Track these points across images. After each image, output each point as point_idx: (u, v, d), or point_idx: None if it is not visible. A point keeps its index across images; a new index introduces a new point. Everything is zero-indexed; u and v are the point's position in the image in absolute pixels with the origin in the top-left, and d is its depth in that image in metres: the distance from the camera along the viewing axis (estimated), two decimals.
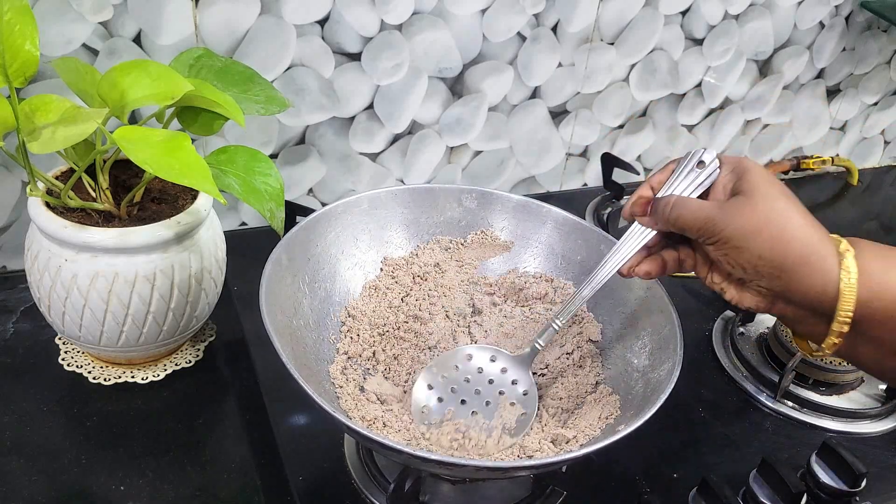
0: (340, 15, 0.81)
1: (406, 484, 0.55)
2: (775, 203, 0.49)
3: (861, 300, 0.47)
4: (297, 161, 0.89)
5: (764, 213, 0.49)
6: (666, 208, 0.54)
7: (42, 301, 0.65)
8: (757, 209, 0.49)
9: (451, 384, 0.61)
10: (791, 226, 0.49)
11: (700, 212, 0.51)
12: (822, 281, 0.48)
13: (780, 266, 0.49)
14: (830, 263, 0.48)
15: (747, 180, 0.51)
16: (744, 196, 0.50)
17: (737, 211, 0.50)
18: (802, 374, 0.77)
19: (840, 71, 1.17)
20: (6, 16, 0.54)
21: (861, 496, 0.65)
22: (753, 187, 0.50)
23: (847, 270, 0.47)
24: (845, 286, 0.47)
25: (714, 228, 0.50)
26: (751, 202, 0.50)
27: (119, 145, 0.54)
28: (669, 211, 0.53)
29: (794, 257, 0.48)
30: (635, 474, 0.67)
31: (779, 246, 0.48)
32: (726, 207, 0.51)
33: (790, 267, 0.48)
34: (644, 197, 0.57)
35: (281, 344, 0.52)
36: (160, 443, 0.65)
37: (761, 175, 0.51)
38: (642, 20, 0.97)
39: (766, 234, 0.49)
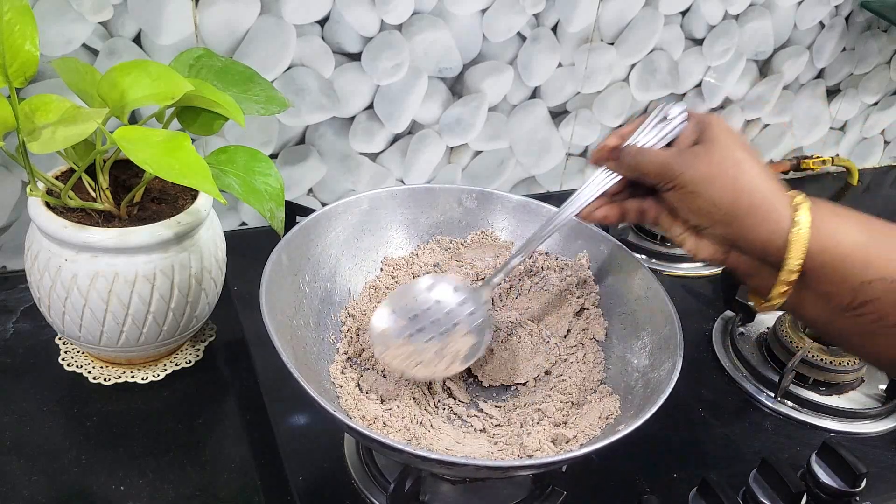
0: (340, 15, 0.81)
1: (406, 484, 0.55)
2: (732, 153, 0.52)
3: (811, 252, 0.48)
4: (297, 161, 0.89)
5: (719, 160, 0.51)
6: (629, 155, 0.56)
7: (42, 301, 0.65)
8: (713, 157, 0.52)
9: (411, 312, 0.62)
10: (745, 175, 0.51)
11: (658, 157, 0.54)
12: (772, 230, 0.49)
13: (731, 213, 0.50)
14: (782, 214, 0.49)
15: (708, 132, 0.53)
16: (702, 145, 0.53)
17: (694, 158, 0.52)
18: (802, 374, 0.77)
19: (840, 71, 1.17)
20: (6, 16, 0.54)
21: (861, 496, 0.65)
22: (713, 137, 0.53)
23: (798, 222, 0.49)
24: (795, 236, 0.48)
25: (671, 173, 0.53)
26: (708, 150, 0.52)
27: (119, 145, 0.54)
28: (631, 157, 0.56)
29: (746, 205, 0.50)
30: (635, 474, 0.67)
31: (731, 193, 0.50)
32: (684, 154, 0.53)
33: (741, 214, 0.50)
34: (609, 145, 0.59)
35: (281, 344, 0.52)
36: (160, 443, 0.65)
37: (722, 128, 0.54)
38: (642, 20, 0.97)
39: (719, 182, 0.51)
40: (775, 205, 0.50)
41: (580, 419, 0.60)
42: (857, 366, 0.77)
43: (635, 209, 0.59)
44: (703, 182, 0.51)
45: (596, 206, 0.60)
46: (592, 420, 0.59)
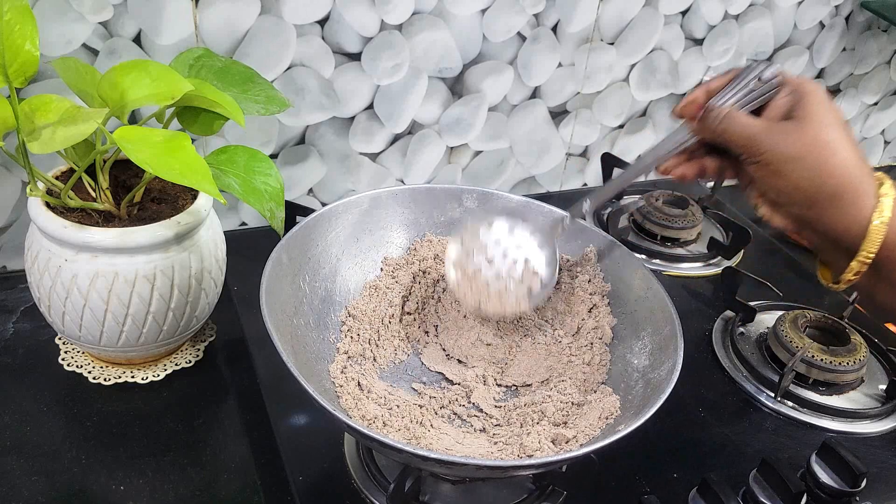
0: (340, 15, 0.81)
1: (406, 484, 0.55)
2: (824, 133, 0.49)
3: (887, 244, 0.47)
4: (297, 161, 0.89)
5: (809, 142, 0.49)
6: (716, 119, 0.53)
7: (42, 301, 0.65)
8: (803, 137, 0.49)
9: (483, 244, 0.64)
10: (833, 160, 0.48)
11: (747, 129, 0.51)
12: (851, 219, 0.48)
13: (813, 198, 0.49)
14: (864, 203, 0.48)
15: (803, 105, 0.50)
16: (794, 121, 0.50)
17: (783, 135, 0.50)
18: (802, 374, 0.77)
19: (840, 71, 1.17)
20: (6, 16, 0.54)
21: (861, 496, 0.65)
22: (807, 113, 0.50)
23: (880, 214, 0.47)
24: (873, 228, 0.47)
25: (757, 149, 0.50)
26: (798, 129, 0.49)
27: (119, 145, 0.54)
28: (718, 122, 0.53)
29: (829, 192, 0.48)
30: (635, 474, 0.67)
31: (816, 178, 0.48)
32: (773, 130, 0.50)
33: (823, 201, 0.48)
34: (697, 101, 0.55)
35: (281, 344, 0.52)
36: (160, 443, 0.65)
37: (820, 101, 0.50)
38: (642, 20, 0.97)
39: (805, 164, 0.48)
40: (859, 193, 0.48)
41: (580, 419, 0.60)
42: (857, 366, 0.77)
43: (714, 167, 0.56)
44: (789, 163, 0.49)
45: (675, 162, 0.57)
46: (592, 420, 0.59)
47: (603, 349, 0.65)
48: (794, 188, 0.49)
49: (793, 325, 0.79)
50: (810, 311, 0.82)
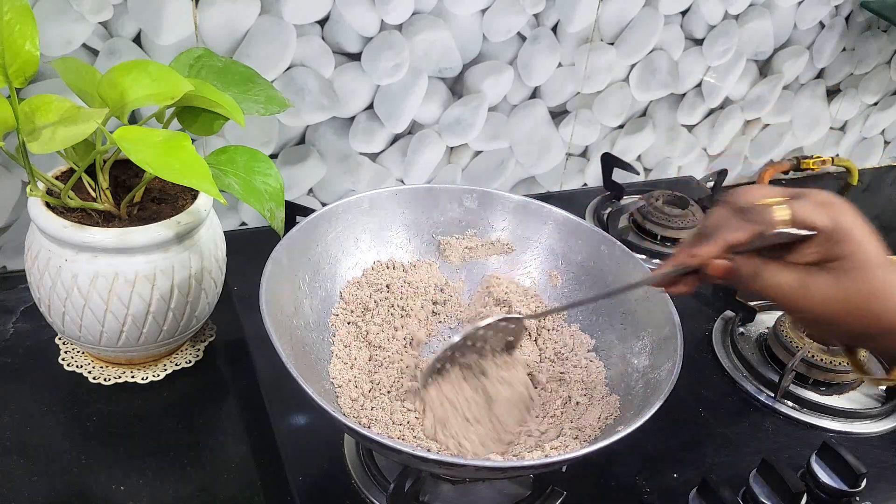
0: (340, 15, 0.81)
1: (406, 484, 0.55)
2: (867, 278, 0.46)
3: None
4: (297, 161, 0.89)
5: (852, 296, 0.46)
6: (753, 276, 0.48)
7: (42, 301, 0.65)
8: (844, 292, 0.46)
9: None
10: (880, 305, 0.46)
11: (783, 292, 0.47)
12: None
13: (864, 336, 0.48)
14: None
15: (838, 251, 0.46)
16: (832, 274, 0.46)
17: (823, 294, 0.46)
18: (802, 374, 0.77)
19: (840, 71, 1.17)
20: (6, 16, 0.54)
21: (861, 496, 0.65)
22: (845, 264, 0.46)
23: None
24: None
25: (799, 307, 0.47)
26: (837, 283, 0.46)
27: (119, 145, 0.54)
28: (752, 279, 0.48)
29: (879, 330, 0.47)
30: (635, 474, 0.67)
31: (866, 322, 0.46)
32: (811, 287, 0.46)
33: (874, 338, 0.47)
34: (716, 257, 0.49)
35: (281, 344, 0.52)
36: (160, 443, 0.65)
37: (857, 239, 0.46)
38: (642, 20, 0.97)
39: (854, 315, 0.46)
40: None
41: (580, 419, 0.60)
42: None
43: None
44: (833, 320, 0.47)
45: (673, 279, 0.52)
46: (592, 420, 0.59)
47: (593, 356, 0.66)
48: (841, 334, 0.48)
49: (793, 326, 0.79)
50: None
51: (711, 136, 1.14)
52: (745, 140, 1.17)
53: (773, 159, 1.22)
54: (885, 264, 0.46)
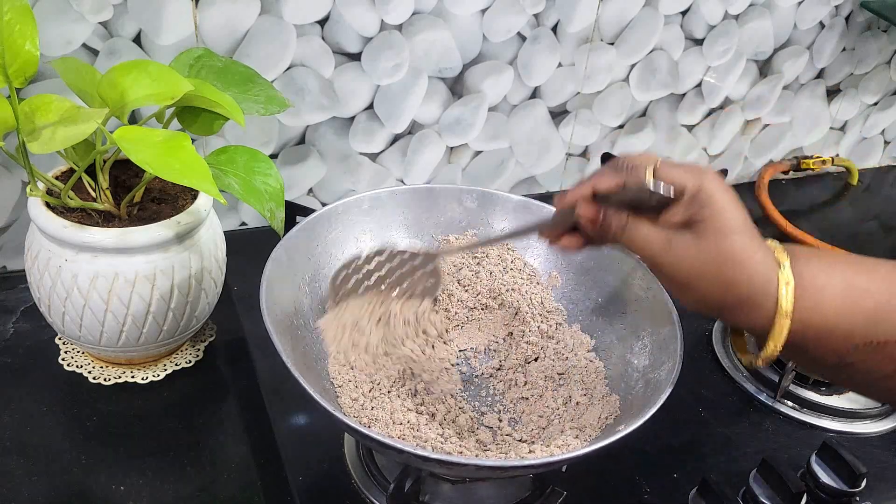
0: (340, 15, 0.81)
1: (406, 484, 0.55)
2: (724, 245, 0.47)
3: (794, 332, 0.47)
4: (297, 161, 0.89)
5: (710, 258, 0.48)
6: (620, 228, 0.51)
7: (42, 301, 0.65)
8: (704, 253, 0.48)
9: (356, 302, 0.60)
10: (735, 271, 0.47)
11: (647, 245, 0.50)
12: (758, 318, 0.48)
13: (719, 306, 0.49)
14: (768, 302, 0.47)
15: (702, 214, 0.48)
16: (693, 236, 0.48)
17: (683, 253, 0.48)
18: (802, 374, 0.77)
19: (840, 71, 1.17)
20: (6, 16, 0.54)
21: (861, 496, 0.65)
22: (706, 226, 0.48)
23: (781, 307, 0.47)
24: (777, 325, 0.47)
25: (660, 262, 0.49)
26: (698, 244, 0.48)
27: (119, 145, 0.54)
28: (619, 230, 0.51)
29: (733, 300, 0.48)
30: (635, 474, 0.67)
31: (720, 291, 0.48)
32: (673, 246, 0.49)
33: (729, 307, 0.48)
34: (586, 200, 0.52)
35: (281, 344, 0.52)
36: (160, 443, 0.65)
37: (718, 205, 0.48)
38: (642, 20, 0.97)
39: (708, 280, 0.48)
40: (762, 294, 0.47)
41: (580, 419, 0.60)
42: None
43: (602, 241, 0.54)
44: (692, 280, 0.48)
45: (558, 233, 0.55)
46: (592, 420, 0.59)
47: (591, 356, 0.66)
48: (698, 300, 0.49)
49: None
50: None
51: (711, 136, 1.14)
52: (745, 140, 1.17)
53: (773, 159, 1.22)
54: (744, 231, 0.48)
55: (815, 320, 0.47)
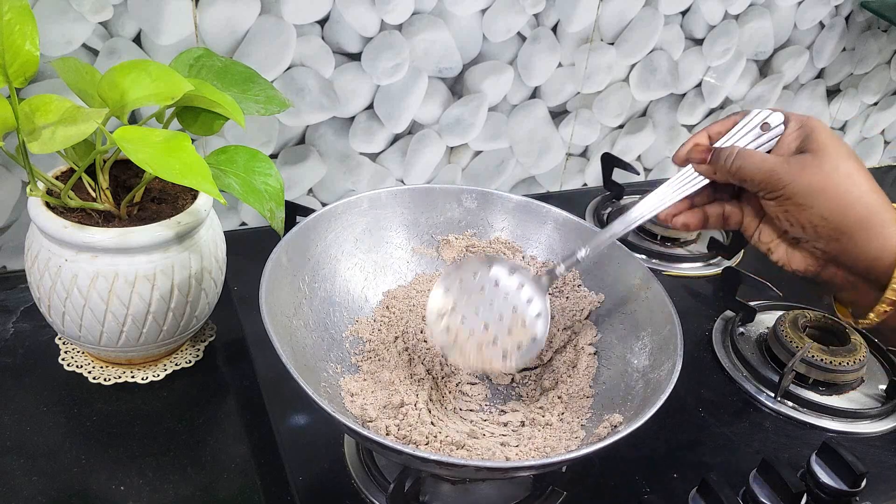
0: (340, 15, 0.81)
1: (406, 484, 0.55)
2: (842, 163, 0.48)
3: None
4: (297, 161, 0.89)
5: (830, 172, 0.48)
6: (729, 158, 0.52)
7: (42, 301, 0.65)
8: (823, 168, 0.48)
9: (468, 292, 0.60)
10: (856, 188, 0.48)
11: (764, 164, 0.50)
12: (881, 246, 0.47)
13: (840, 227, 0.48)
14: (891, 230, 0.47)
15: (814, 139, 0.50)
16: (811, 154, 0.49)
17: (802, 168, 0.49)
18: (802, 374, 0.77)
19: (840, 71, 1.17)
20: (6, 16, 0.54)
21: (861, 496, 0.65)
22: (821, 146, 0.49)
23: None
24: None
25: (778, 182, 0.49)
26: (817, 160, 0.49)
27: (119, 145, 0.54)
28: (732, 161, 0.52)
29: (856, 219, 0.48)
30: (635, 474, 0.67)
31: (842, 207, 0.48)
32: (792, 162, 0.50)
33: (851, 229, 0.48)
34: (702, 144, 0.54)
35: (281, 344, 0.52)
36: (160, 443, 0.65)
37: (829, 135, 0.50)
38: (642, 20, 0.97)
39: (830, 194, 0.48)
40: (885, 220, 0.47)
41: (580, 418, 0.60)
42: (856, 366, 0.77)
43: (718, 214, 0.56)
44: (813, 194, 0.48)
45: (675, 210, 0.56)
46: (592, 420, 0.59)
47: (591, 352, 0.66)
48: (819, 219, 0.49)
49: (793, 325, 0.79)
50: (810, 311, 0.82)
51: None
52: None
53: None
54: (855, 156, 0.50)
55: None
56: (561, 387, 0.64)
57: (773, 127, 0.53)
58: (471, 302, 0.59)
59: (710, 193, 0.56)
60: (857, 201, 0.48)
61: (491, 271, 0.60)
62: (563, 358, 0.66)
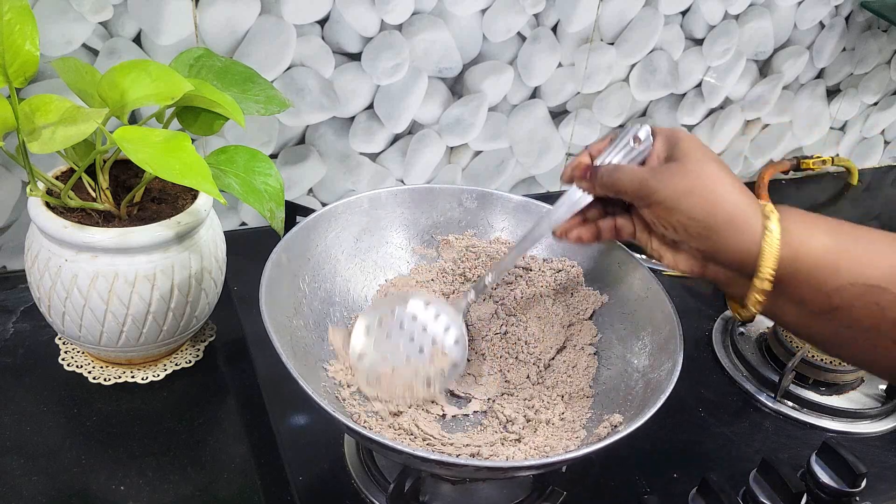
0: (340, 15, 0.81)
1: (406, 484, 0.55)
2: (705, 167, 0.52)
3: (783, 259, 0.49)
4: (297, 161, 0.89)
5: (694, 175, 0.52)
6: (605, 174, 0.56)
7: (42, 301, 0.65)
8: (688, 172, 0.52)
9: (387, 330, 0.62)
10: (720, 188, 0.51)
11: (634, 175, 0.54)
12: (748, 241, 0.50)
13: (708, 226, 0.51)
14: (756, 225, 0.50)
15: (680, 148, 0.54)
16: (676, 161, 0.53)
17: (669, 174, 0.53)
18: (802, 374, 0.77)
19: (840, 71, 1.17)
20: (6, 16, 0.54)
21: (861, 496, 0.65)
22: (685, 153, 0.53)
23: (770, 231, 0.49)
24: (767, 245, 0.49)
25: (648, 190, 0.53)
26: (682, 166, 0.52)
27: (119, 145, 0.54)
28: (608, 176, 0.56)
29: (722, 218, 0.50)
30: (635, 474, 0.67)
31: (707, 206, 0.51)
32: (659, 172, 0.53)
33: (718, 227, 0.50)
34: (583, 163, 0.59)
35: (281, 344, 0.52)
36: (160, 443, 0.65)
37: (692, 142, 0.54)
38: (642, 20, 0.97)
39: (695, 196, 0.51)
40: (749, 215, 0.50)
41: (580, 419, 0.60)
42: None
43: (609, 227, 0.59)
44: (680, 197, 0.51)
45: (569, 226, 0.60)
46: (592, 420, 0.59)
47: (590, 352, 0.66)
48: (688, 220, 0.51)
49: None
50: None
51: (711, 136, 1.14)
52: (745, 140, 1.17)
53: (773, 159, 1.22)
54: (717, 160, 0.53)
55: (803, 252, 0.49)
56: (561, 386, 0.64)
57: (643, 140, 0.57)
58: (391, 339, 0.62)
59: (602, 209, 0.60)
60: (722, 200, 0.51)
61: (407, 307, 0.63)
62: (564, 358, 0.66)
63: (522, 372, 0.66)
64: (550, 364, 0.66)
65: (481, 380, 0.66)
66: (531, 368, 0.66)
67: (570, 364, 0.65)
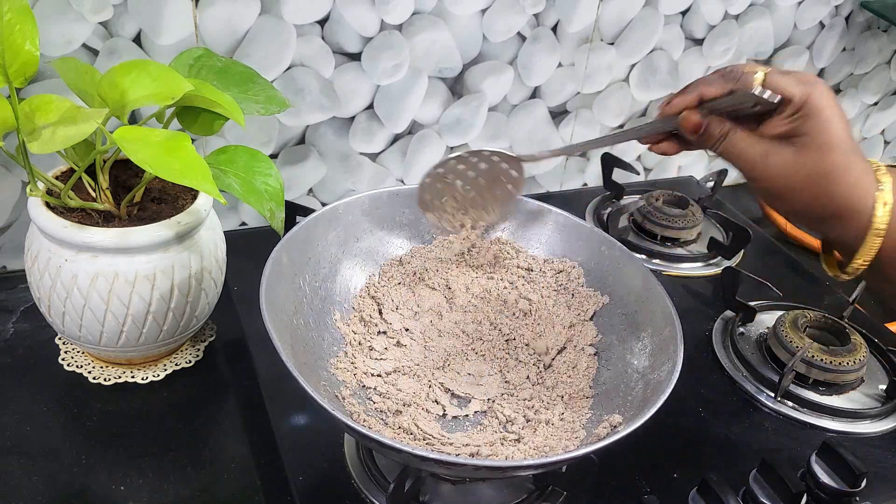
0: (340, 15, 0.81)
1: (406, 484, 0.55)
2: (823, 162, 0.47)
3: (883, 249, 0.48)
4: (297, 161, 0.89)
5: (808, 173, 0.48)
6: (718, 139, 0.51)
7: (42, 301, 0.65)
8: (802, 168, 0.48)
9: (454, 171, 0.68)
10: (832, 188, 0.48)
11: (745, 154, 0.50)
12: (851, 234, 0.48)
13: (811, 219, 0.49)
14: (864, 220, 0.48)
15: (805, 128, 0.48)
16: (794, 149, 0.48)
17: (781, 165, 0.48)
18: (802, 374, 0.77)
19: (840, 71, 1.17)
20: (6, 16, 0.54)
21: (861, 496, 0.65)
22: (808, 140, 0.48)
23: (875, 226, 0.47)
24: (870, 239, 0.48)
25: (756, 176, 0.50)
26: (797, 159, 0.48)
27: (119, 145, 0.54)
28: (719, 142, 0.51)
29: (828, 214, 0.48)
30: (635, 474, 0.67)
31: (815, 205, 0.48)
32: (772, 157, 0.49)
33: (822, 221, 0.49)
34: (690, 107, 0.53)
35: (281, 344, 0.52)
36: (160, 443, 0.65)
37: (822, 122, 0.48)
38: (642, 20, 0.97)
39: (804, 194, 0.48)
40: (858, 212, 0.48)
41: (580, 418, 0.60)
42: (857, 366, 0.77)
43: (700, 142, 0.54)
44: (787, 192, 0.49)
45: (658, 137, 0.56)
46: (592, 420, 0.59)
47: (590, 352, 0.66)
48: (791, 211, 0.50)
49: (793, 325, 0.79)
50: (810, 311, 0.82)
51: None
52: None
53: None
54: (846, 148, 0.48)
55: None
56: (561, 387, 0.64)
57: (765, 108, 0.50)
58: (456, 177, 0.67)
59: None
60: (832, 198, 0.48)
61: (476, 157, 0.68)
62: (564, 358, 0.66)
63: (522, 372, 0.66)
64: (551, 365, 0.66)
65: (481, 380, 0.66)
66: (531, 369, 0.66)
67: (571, 365, 0.65)
